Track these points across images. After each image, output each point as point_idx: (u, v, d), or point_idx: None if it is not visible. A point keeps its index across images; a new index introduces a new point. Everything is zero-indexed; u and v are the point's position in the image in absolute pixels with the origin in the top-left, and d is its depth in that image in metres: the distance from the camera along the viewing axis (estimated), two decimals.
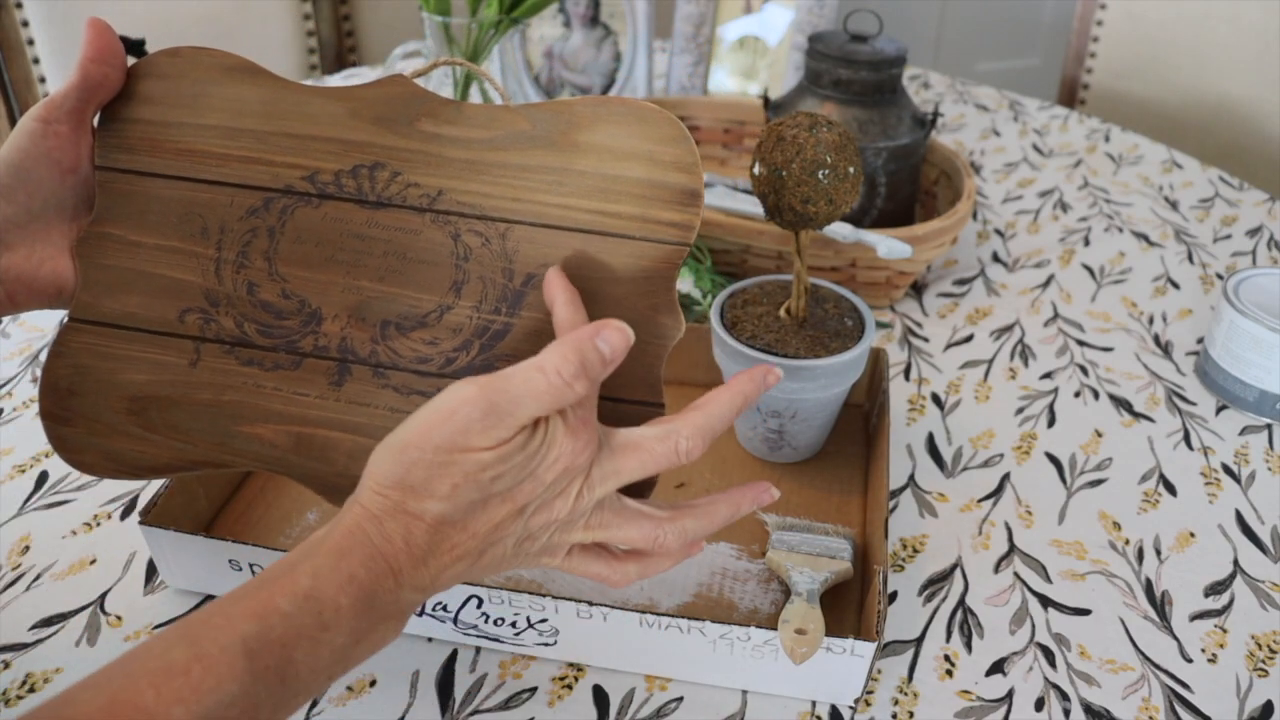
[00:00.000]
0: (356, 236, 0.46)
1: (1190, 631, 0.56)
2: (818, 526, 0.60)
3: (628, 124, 0.45)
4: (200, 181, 0.46)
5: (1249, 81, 1.35)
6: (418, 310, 0.45)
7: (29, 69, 1.31)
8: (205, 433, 0.46)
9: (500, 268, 0.45)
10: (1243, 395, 0.73)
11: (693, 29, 1.17)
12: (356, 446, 0.45)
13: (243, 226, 0.46)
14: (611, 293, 0.44)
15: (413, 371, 0.45)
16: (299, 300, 0.46)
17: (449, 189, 0.45)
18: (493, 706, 0.51)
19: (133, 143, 0.46)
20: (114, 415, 0.46)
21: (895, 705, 0.52)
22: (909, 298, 0.88)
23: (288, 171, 0.46)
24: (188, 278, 0.46)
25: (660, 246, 0.44)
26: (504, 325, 0.45)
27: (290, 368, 0.46)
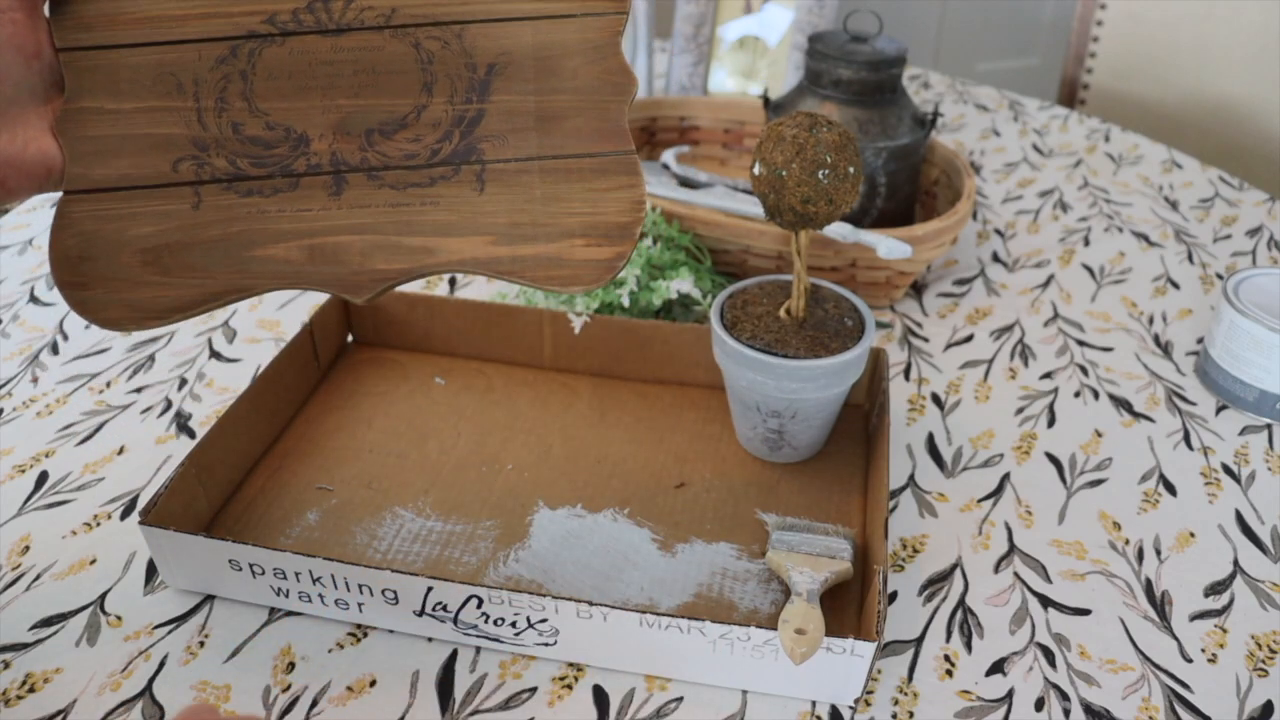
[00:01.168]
0: (325, 63, 0.49)
1: (1190, 631, 0.56)
2: (818, 526, 0.60)
3: None
4: (164, 44, 0.49)
5: (1249, 81, 1.35)
6: (396, 114, 0.49)
7: None
8: (221, 264, 0.48)
9: (463, 63, 0.49)
10: (1243, 395, 0.73)
11: (693, 29, 1.17)
12: (366, 243, 0.48)
13: (215, 75, 0.48)
14: (566, 65, 0.49)
15: (404, 168, 0.49)
16: (284, 129, 0.49)
17: (401, 5, 0.49)
18: (493, 706, 0.51)
19: (89, 21, 0.48)
20: (129, 269, 0.48)
21: (895, 705, 0.52)
22: (909, 298, 0.88)
23: (246, 19, 0.49)
24: (173, 130, 0.48)
25: (600, 18, 0.49)
26: (478, 111, 0.49)
27: (289, 189, 0.49)
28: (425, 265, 0.49)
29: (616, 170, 0.49)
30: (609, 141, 0.49)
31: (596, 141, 0.49)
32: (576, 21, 0.49)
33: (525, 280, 0.48)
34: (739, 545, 0.60)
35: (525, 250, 0.49)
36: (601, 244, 0.48)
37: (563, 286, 0.49)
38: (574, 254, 0.48)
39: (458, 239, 0.49)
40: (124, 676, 0.52)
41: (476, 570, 0.58)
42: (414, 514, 0.62)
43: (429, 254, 0.49)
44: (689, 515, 0.62)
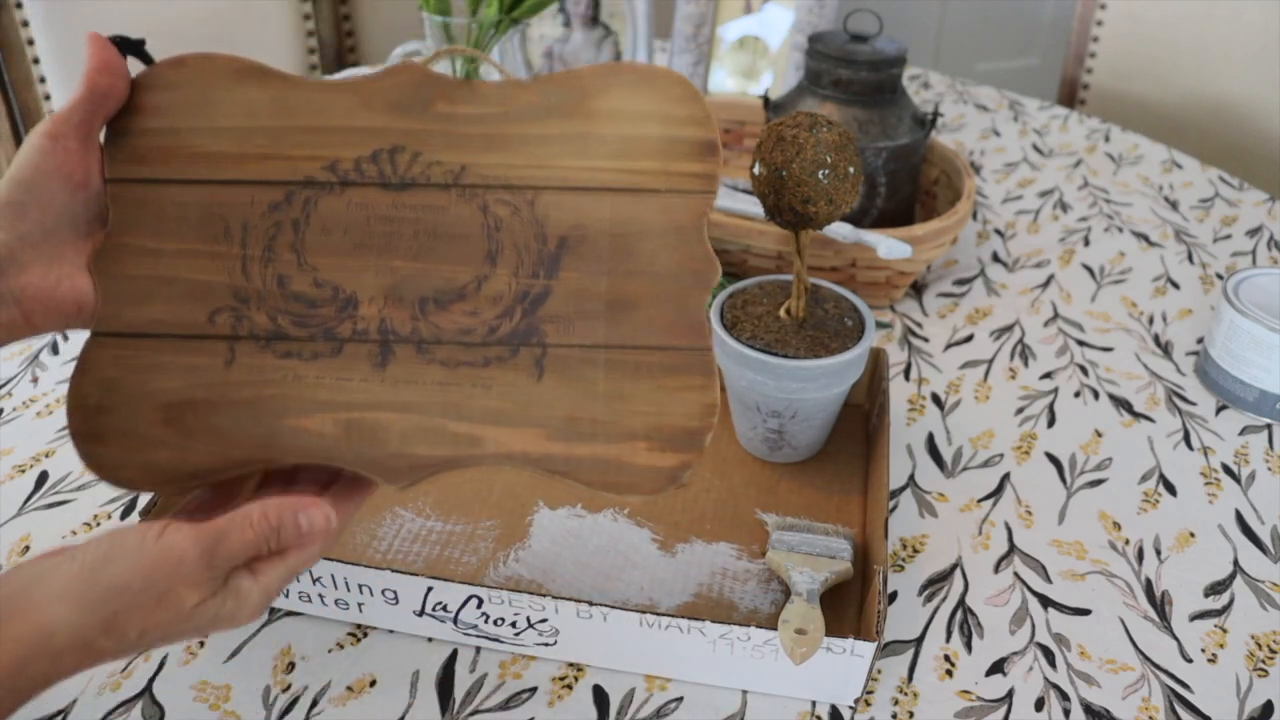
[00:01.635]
0: (384, 219, 0.45)
1: (1190, 631, 0.56)
2: (818, 526, 0.60)
3: (638, 88, 0.46)
4: (217, 183, 0.45)
5: (1249, 81, 1.35)
6: (455, 284, 0.45)
7: (29, 69, 1.31)
8: (248, 431, 0.44)
9: (533, 233, 0.45)
10: (1243, 395, 0.73)
11: (693, 29, 1.17)
12: (409, 425, 0.44)
13: (266, 222, 0.45)
14: (645, 247, 0.45)
15: (457, 344, 0.45)
16: (332, 287, 0.45)
17: (472, 164, 0.46)
18: (493, 706, 0.51)
19: (143, 153, 0.45)
20: (149, 427, 0.44)
21: (895, 705, 0.52)
22: (909, 298, 0.88)
23: (306, 164, 0.46)
24: (214, 278, 0.45)
25: (687, 197, 0.45)
26: (544, 288, 0.45)
27: (330, 355, 0.45)
28: (470, 456, 0.44)
29: (689, 368, 0.44)
30: (684, 335, 0.45)
31: (670, 334, 0.45)
32: (660, 199, 0.45)
33: (579, 483, 0.44)
34: (739, 545, 0.60)
35: (582, 450, 0.44)
36: (665, 450, 0.44)
37: (619, 494, 0.44)
38: (635, 459, 0.44)
39: (509, 430, 0.44)
40: (124, 676, 0.52)
41: (476, 570, 0.58)
42: (414, 514, 0.62)
43: (475, 444, 0.44)
44: (689, 515, 0.62)
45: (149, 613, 0.37)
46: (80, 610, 0.36)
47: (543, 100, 0.46)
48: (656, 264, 0.45)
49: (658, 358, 0.44)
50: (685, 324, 0.45)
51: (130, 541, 0.37)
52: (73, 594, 0.36)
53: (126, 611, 0.36)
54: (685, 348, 0.45)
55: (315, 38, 1.53)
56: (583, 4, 1.15)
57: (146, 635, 0.37)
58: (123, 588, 0.36)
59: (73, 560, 0.37)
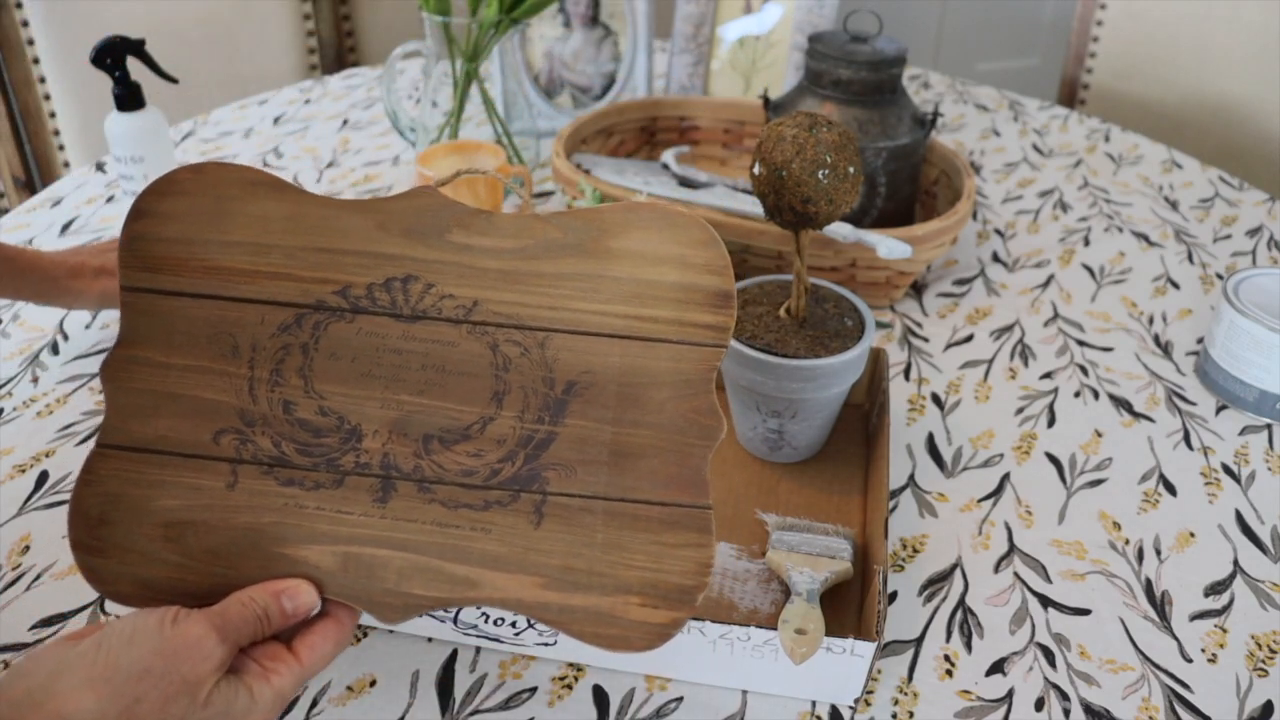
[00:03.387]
0: (393, 351, 0.45)
1: (1190, 631, 0.56)
2: (818, 526, 0.60)
3: (658, 229, 0.46)
4: (229, 300, 0.46)
5: (1249, 81, 1.35)
6: (460, 422, 0.45)
7: (29, 69, 1.31)
8: (246, 557, 0.44)
9: (541, 376, 0.45)
10: (1243, 395, 0.73)
11: (693, 29, 1.17)
12: (406, 563, 0.44)
13: (275, 344, 0.45)
14: (653, 396, 0.45)
15: (459, 485, 0.45)
16: (337, 417, 0.45)
17: (484, 299, 0.45)
18: (493, 706, 0.51)
19: (156, 262, 0.46)
20: (148, 543, 0.44)
21: (895, 705, 0.52)
22: (909, 298, 0.88)
23: (318, 286, 0.46)
24: (220, 398, 0.45)
25: (698, 349, 0.45)
26: (548, 434, 0.45)
27: (332, 486, 0.45)
28: (465, 598, 0.44)
29: (687, 525, 0.44)
30: (685, 491, 0.44)
31: (671, 489, 0.44)
32: (670, 349, 0.45)
33: (570, 632, 0.44)
34: (739, 545, 0.60)
35: (576, 600, 0.44)
36: (659, 606, 0.43)
37: (609, 647, 0.44)
38: (627, 613, 0.43)
39: (505, 575, 0.44)
40: None
41: None
42: None
43: (471, 586, 0.44)
44: None
45: (169, 701, 0.38)
46: (103, 699, 0.37)
47: (561, 236, 0.46)
48: (663, 415, 0.45)
49: (657, 512, 0.44)
50: (687, 479, 0.44)
51: (150, 626, 0.39)
52: (98, 679, 0.37)
53: (148, 699, 0.37)
54: (686, 504, 0.44)
55: (315, 38, 1.53)
56: (583, 4, 1.15)
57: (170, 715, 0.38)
58: (145, 671, 0.38)
59: (97, 647, 0.38)
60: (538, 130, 1.07)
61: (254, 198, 0.46)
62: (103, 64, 0.85)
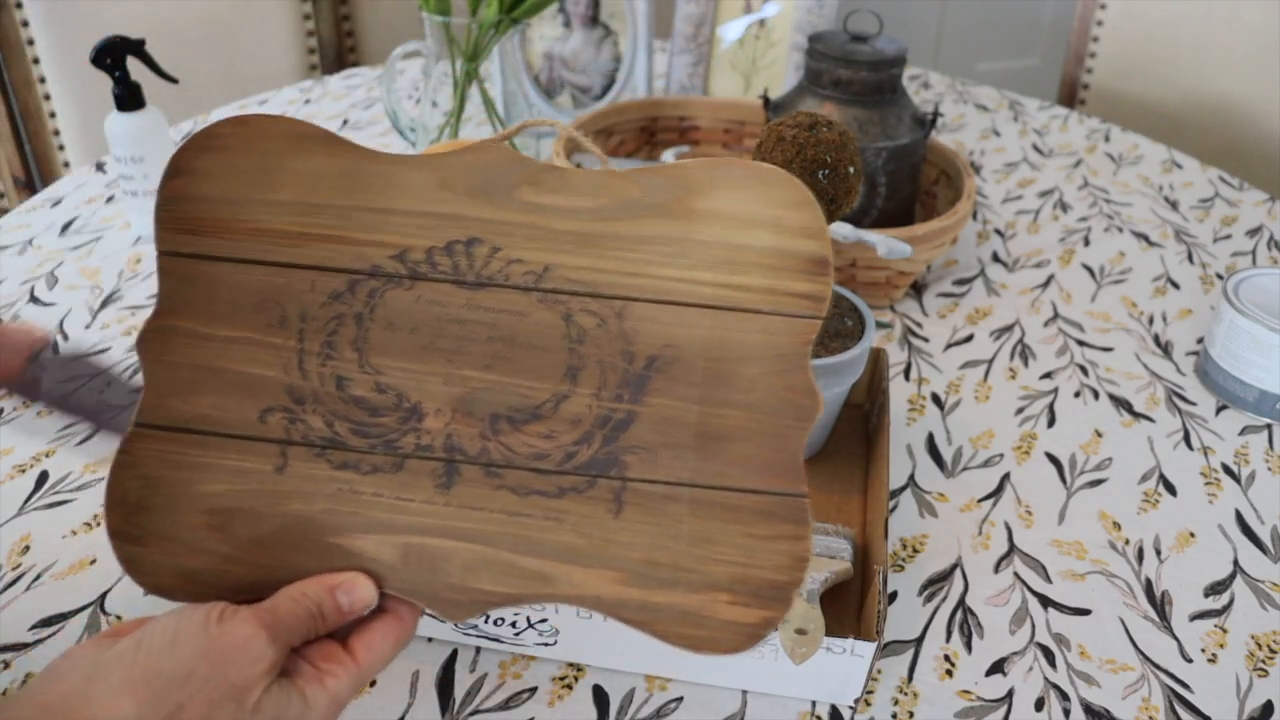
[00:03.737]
0: (456, 321, 0.41)
1: (1190, 631, 0.56)
2: (818, 526, 0.60)
3: (749, 188, 0.42)
4: (276, 265, 0.42)
5: (1249, 81, 1.35)
6: (530, 401, 0.41)
7: (29, 69, 1.31)
8: (297, 548, 0.41)
9: (619, 350, 0.41)
10: (1243, 395, 0.73)
11: (693, 29, 1.17)
12: (472, 555, 0.40)
13: (326, 313, 0.42)
14: (743, 373, 0.41)
15: (529, 469, 0.41)
16: (396, 394, 0.41)
17: (556, 264, 0.42)
18: (493, 706, 0.51)
19: (197, 223, 0.42)
20: (192, 531, 0.41)
21: (895, 705, 0.52)
22: (909, 298, 0.88)
23: (374, 250, 0.42)
24: (267, 373, 0.41)
25: (792, 320, 0.41)
26: (627, 414, 0.41)
27: (390, 470, 0.41)
28: (538, 594, 0.40)
29: (782, 515, 0.40)
30: (779, 478, 0.40)
31: (764, 475, 0.40)
32: (763, 319, 0.41)
33: (653, 632, 0.40)
34: None
35: (659, 597, 0.40)
36: (750, 604, 0.40)
37: (695, 648, 0.40)
38: (716, 611, 0.40)
39: (582, 569, 0.40)
40: None
41: None
42: None
43: (544, 582, 0.40)
44: None
45: (215, 707, 0.35)
46: (143, 704, 0.34)
47: (642, 195, 0.42)
48: (754, 394, 0.41)
49: (749, 501, 0.40)
50: (782, 465, 0.41)
51: (194, 625, 0.36)
52: (138, 682, 0.34)
53: (191, 704, 0.34)
54: (780, 493, 0.40)
55: (315, 38, 1.53)
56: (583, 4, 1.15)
57: None
58: (189, 674, 0.35)
59: (137, 648, 0.35)
60: (538, 130, 1.07)
61: (302, 152, 0.42)
62: (103, 64, 0.85)
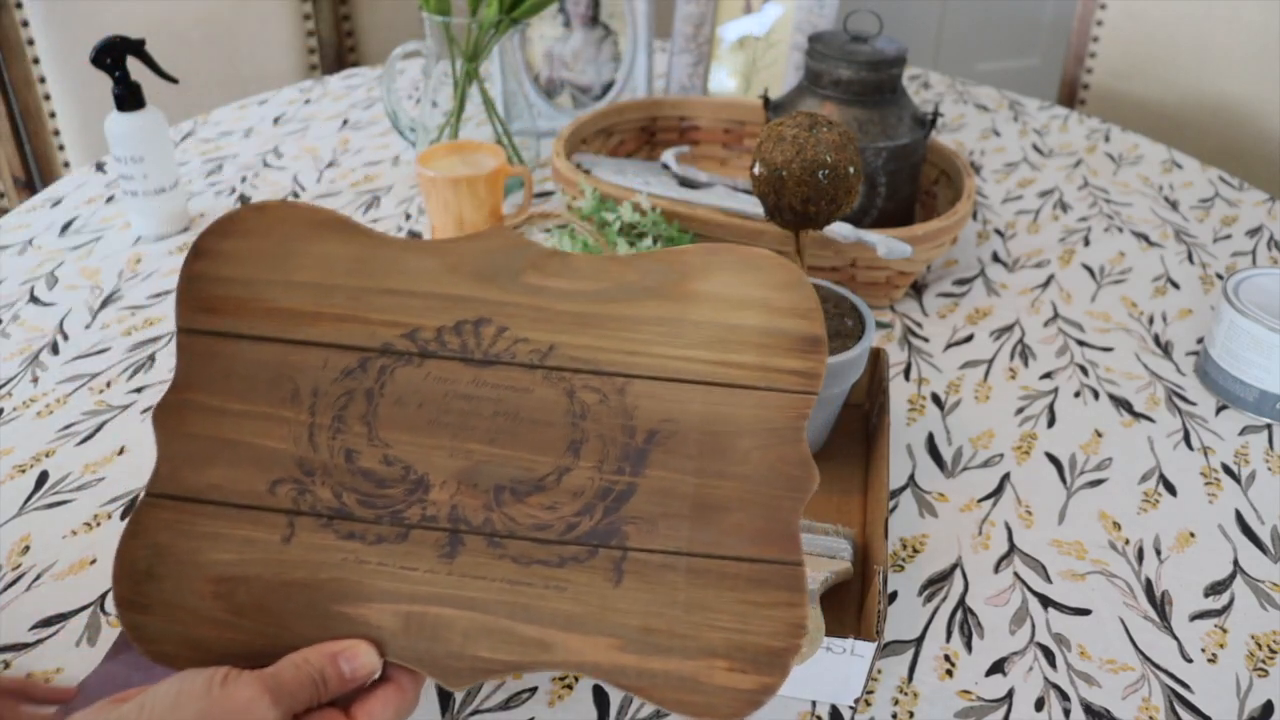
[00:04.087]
0: (463, 397, 0.43)
1: (1190, 631, 0.56)
2: (818, 526, 0.60)
3: (741, 271, 0.44)
4: (291, 343, 0.44)
5: (1249, 81, 1.35)
6: (534, 474, 0.43)
7: (29, 69, 1.31)
8: (301, 616, 0.41)
9: (620, 425, 0.43)
10: (1243, 395, 0.73)
11: (693, 29, 1.17)
12: (473, 624, 0.41)
13: (338, 389, 0.43)
14: (738, 446, 0.43)
15: (532, 540, 0.42)
16: (403, 467, 0.43)
17: (560, 344, 0.43)
18: (493, 706, 0.51)
19: (216, 303, 0.44)
20: (197, 599, 0.41)
21: (895, 705, 0.52)
22: (909, 298, 0.88)
23: (385, 330, 0.44)
24: (279, 446, 0.43)
25: (784, 395, 0.43)
26: (628, 485, 0.43)
27: (395, 540, 0.42)
28: (537, 661, 0.41)
29: (777, 583, 0.41)
30: (774, 546, 0.42)
31: (759, 544, 0.42)
32: (756, 395, 0.43)
33: (650, 699, 0.41)
34: None
35: (656, 664, 0.41)
36: (747, 670, 0.41)
37: (693, 714, 0.40)
38: (712, 678, 0.40)
39: (580, 637, 0.41)
40: None
41: None
42: None
43: (544, 649, 0.41)
44: None
45: None
46: None
47: (640, 279, 0.44)
48: (748, 466, 0.42)
49: (744, 569, 0.42)
50: (776, 534, 0.42)
51: (197, 688, 0.36)
52: None
53: None
54: (774, 560, 0.42)
55: (315, 38, 1.53)
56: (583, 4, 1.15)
57: None
58: None
59: (140, 710, 0.36)
60: (538, 130, 1.07)
61: (319, 239, 0.45)
62: (103, 64, 0.85)
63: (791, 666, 0.41)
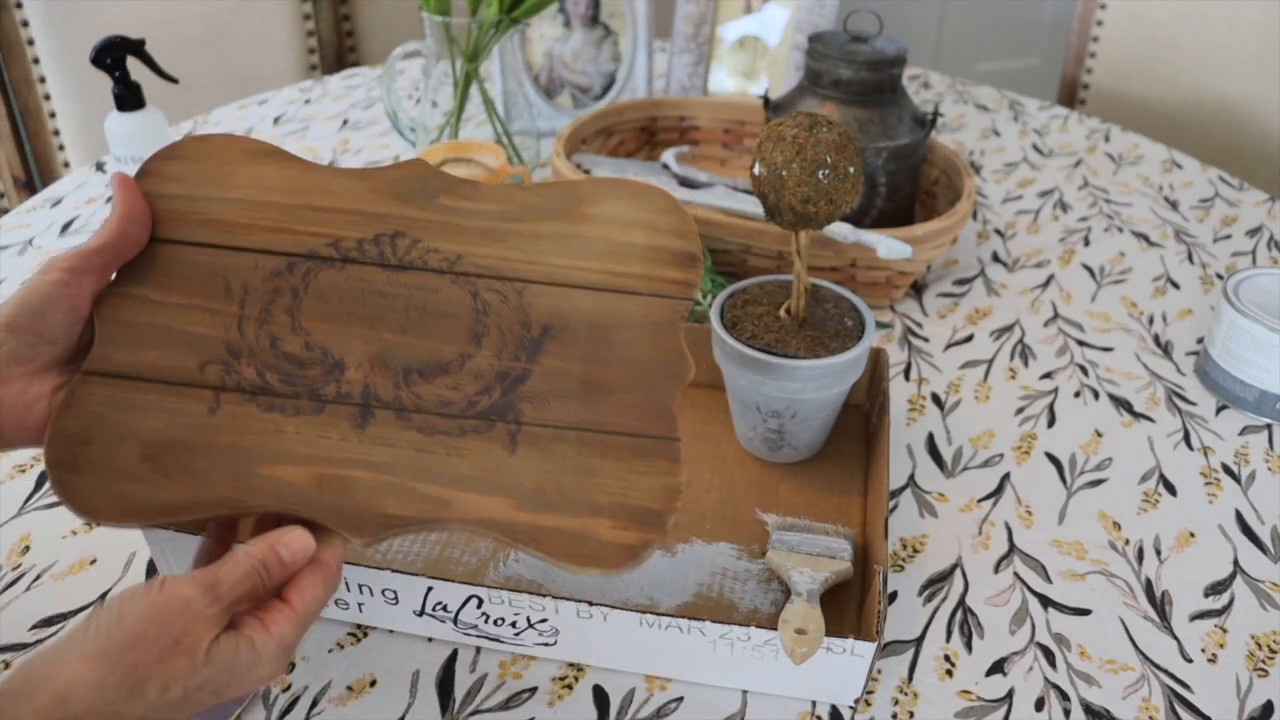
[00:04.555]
0: (378, 294, 0.48)
1: (1190, 631, 0.56)
2: (818, 526, 0.60)
3: (629, 199, 0.50)
4: (224, 248, 0.48)
5: (1249, 81, 1.35)
6: (439, 358, 0.47)
7: (29, 69, 1.31)
8: (222, 473, 0.45)
9: (518, 320, 0.48)
10: (1243, 395, 0.73)
11: (693, 29, 1.17)
12: (379, 483, 0.45)
13: (266, 287, 0.48)
14: (622, 338, 0.48)
15: (436, 414, 0.46)
16: (322, 350, 0.47)
17: (467, 253, 0.49)
18: (493, 706, 0.51)
19: (158, 214, 0.48)
20: (127, 461, 0.44)
21: (895, 705, 0.52)
22: (909, 298, 0.88)
23: (311, 239, 0.48)
24: (209, 332, 0.47)
25: (666, 300, 0.48)
26: (524, 370, 0.47)
27: (313, 412, 0.46)
28: (438, 517, 0.44)
29: (657, 454, 0.46)
30: (654, 423, 0.46)
31: (640, 420, 0.46)
32: (640, 300, 0.48)
33: (541, 552, 0.44)
34: (739, 545, 0.60)
35: (546, 520, 0.44)
36: (629, 528, 0.44)
37: (580, 565, 0.44)
38: (598, 533, 0.44)
39: (477, 495, 0.45)
40: None
41: (476, 570, 0.58)
42: None
43: (443, 505, 0.45)
44: (689, 515, 0.62)
45: (166, 662, 0.38)
46: (99, 668, 0.37)
47: (540, 203, 0.50)
48: (631, 353, 0.47)
49: (627, 442, 0.46)
50: (655, 411, 0.47)
51: (137, 596, 0.39)
52: (91, 653, 0.37)
53: (145, 664, 0.37)
54: (654, 435, 0.46)
55: (315, 38, 1.53)
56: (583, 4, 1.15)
57: (168, 691, 0.38)
58: (137, 638, 0.37)
59: (87, 626, 0.38)
60: (538, 130, 1.07)
61: (255, 163, 0.49)
62: (103, 64, 0.85)
63: (669, 525, 0.45)
